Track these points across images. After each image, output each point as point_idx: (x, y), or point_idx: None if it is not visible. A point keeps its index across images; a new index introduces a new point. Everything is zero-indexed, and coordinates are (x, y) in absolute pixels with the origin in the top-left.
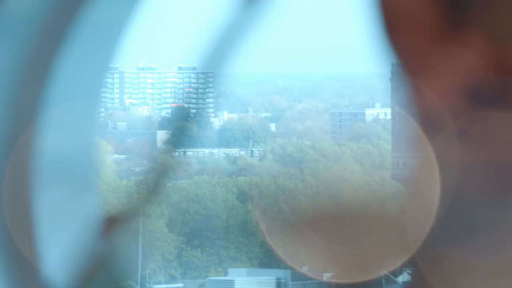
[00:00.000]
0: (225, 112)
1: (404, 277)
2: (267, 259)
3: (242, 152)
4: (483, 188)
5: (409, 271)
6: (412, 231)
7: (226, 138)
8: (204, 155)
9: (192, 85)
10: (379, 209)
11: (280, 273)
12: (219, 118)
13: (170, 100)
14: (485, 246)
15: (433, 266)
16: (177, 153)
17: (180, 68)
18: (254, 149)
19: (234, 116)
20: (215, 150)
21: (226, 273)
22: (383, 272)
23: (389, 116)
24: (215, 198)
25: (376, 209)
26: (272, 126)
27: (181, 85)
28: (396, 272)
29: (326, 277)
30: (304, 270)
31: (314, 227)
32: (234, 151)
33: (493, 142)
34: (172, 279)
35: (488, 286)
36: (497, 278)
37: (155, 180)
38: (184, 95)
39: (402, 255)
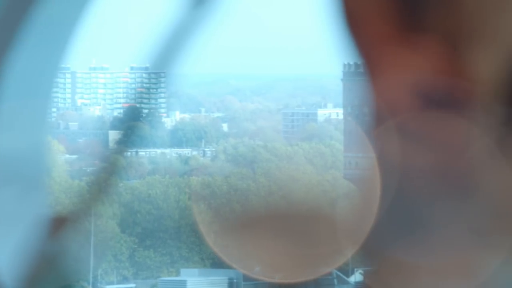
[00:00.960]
0: (177, 112)
1: (356, 277)
2: (219, 259)
3: (194, 152)
4: (432, 188)
5: (361, 271)
6: (359, 231)
7: (178, 138)
8: (156, 155)
9: (144, 85)
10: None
11: (232, 273)
12: (171, 118)
13: (122, 100)
14: (432, 246)
15: (383, 266)
16: (128, 153)
17: (132, 68)
18: (206, 149)
19: (186, 116)
20: (167, 150)
21: (178, 274)
22: (336, 272)
23: (341, 116)
24: (167, 198)
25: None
26: (225, 126)
27: (133, 85)
28: (348, 272)
29: (277, 277)
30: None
31: (265, 227)
32: (186, 151)
33: (442, 143)
34: (124, 279)
35: (434, 286)
36: (442, 277)
37: (106, 180)
38: (136, 95)
39: (350, 254)
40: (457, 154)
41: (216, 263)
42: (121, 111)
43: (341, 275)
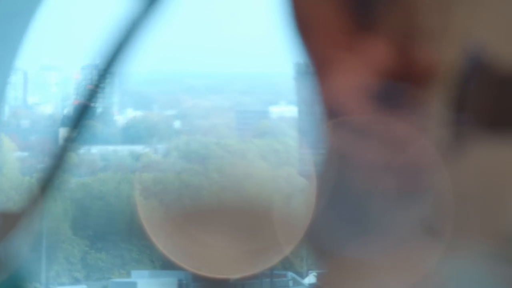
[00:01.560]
0: (129, 110)
1: (310, 279)
2: (170, 261)
3: (147, 149)
4: (382, 186)
5: (315, 273)
6: (310, 228)
7: (130, 135)
8: (108, 152)
9: (96, 83)
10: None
11: (182, 274)
12: (123, 116)
13: (74, 98)
14: (383, 245)
15: (334, 266)
16: (80, 150)
17: (83, 67)
18: (158, 146)
19: (139, 113)
20: (119, 147)
21: (129, 275)
22: (291, 274)
23: (294, 114)
24: (119, 195)
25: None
26: (177, 124)
27: (85, 83)
28: (303, 274)
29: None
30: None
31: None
32: (138, 148)
33: (392, 142)
34: (76, 281)
35: (385, 284)
36: (392, 276)
37: (57, 177)
38: (88, 93)
39: (302, 253)
40: (406, 152)
41: (167, 265)
42: (72, 109)
43: (296, 277)
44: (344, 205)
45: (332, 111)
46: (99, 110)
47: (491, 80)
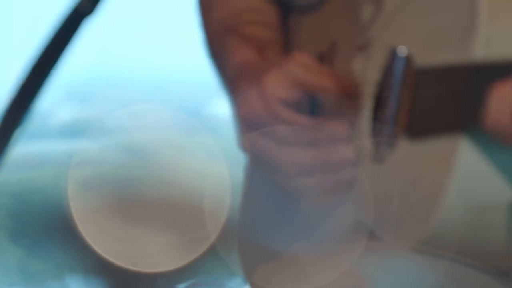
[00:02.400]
0: (67, 106)
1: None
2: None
3: (85, 144)
4: (308, 191)
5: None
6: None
7: (69, 130)
8: (46, 147)
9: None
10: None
11: (114, 280)
12: (61, 111)
13: (7, 95)
14: (315, 243)
15: (265, 263)
16: (15, 146)
17: (17, 63)
18: (97, 141)
19: (78, 109)
20: (57, 142)
21: (63, 281)
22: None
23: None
24: (55, 191)
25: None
26: (117, 119)
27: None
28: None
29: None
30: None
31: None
32: (78, 143)
33: (316, 149)
34: (11, 286)
35: (312, 279)
36: (324, 272)
37: None
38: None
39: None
40: (330, 158)
41: (102, 268)
42: (10, 104)
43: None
44: (270, 204)
45: (246, 121)
46: (35, 105)
47: (409, 88)
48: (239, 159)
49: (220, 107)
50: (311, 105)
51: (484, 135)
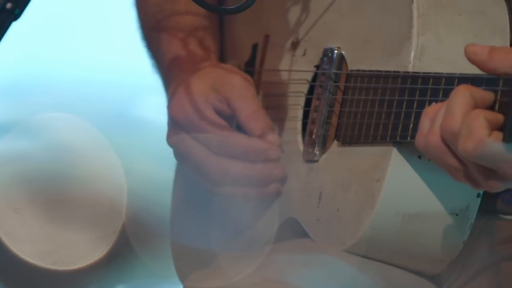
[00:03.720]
0: None
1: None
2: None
3: (11, 142)
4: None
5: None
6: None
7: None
8: None
9: None
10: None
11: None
12: None
13: None
14: (242, 244)
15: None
16: None
17: None
18: (24, 139)
19: (6, 108)
20: None
21: None
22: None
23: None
24: None
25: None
26: (44, 118)
27: None
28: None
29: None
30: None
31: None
32: (4, 141)
33: (238, 158)
34: None
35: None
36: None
37: None
38: None
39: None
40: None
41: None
42: None
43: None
44: (200, 206)
45: (176, 120)
46: None
47: (340, 91)
48: (167, 160)
49: (148, 107)
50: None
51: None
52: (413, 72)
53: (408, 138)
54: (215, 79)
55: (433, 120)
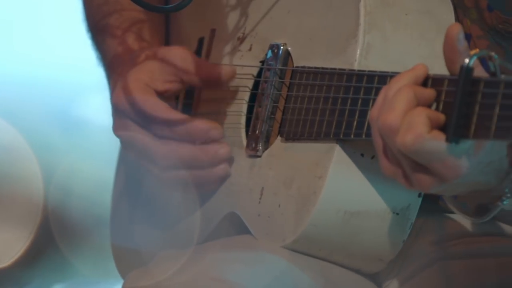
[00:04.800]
0: None
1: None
2: None
3: None
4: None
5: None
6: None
7: None
8: None
9: None
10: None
11: None
12: None
13: None
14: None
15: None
16: None
17: None
18: None
19: None
20: None
21: None
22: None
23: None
24: None
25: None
26: None
27: None
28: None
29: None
30: None
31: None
32: None
33: (184, 140)
34: None
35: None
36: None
37: None
38: None
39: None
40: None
41: None
42: None
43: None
44: (137, 204)
45: (119, 108)
46: None
47: (286, 86)
48: (108, 159)
49: (90, 106)
50: (186, 101)
51: (357, 144)
52: (358, 70)
53: (352, 136)
54: (153, 66)
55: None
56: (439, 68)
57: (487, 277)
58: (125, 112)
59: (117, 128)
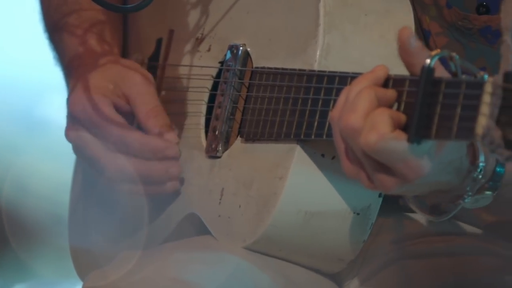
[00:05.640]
0: None
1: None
2: None
3: None
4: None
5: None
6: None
7: None
8: None
9: None
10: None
11: None
12: None
13: None
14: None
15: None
16: None
17: None
18: None
19: None
20: None
21: None
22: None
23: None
24: None
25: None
26: None
27: None
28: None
29: None
30: None
31: None
32: None
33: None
34: None
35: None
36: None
37: None
38: None
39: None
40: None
41: None
42: None
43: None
44: (95, 205)
45: (74, 115)
46: None
47: (245, 87)
48: (68, 159)
49: (50, 106)
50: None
51: (318, 145)
52: (318, 71)
53: (313, 137)
54: (115, 75)
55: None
56: (400, 68)
57: (445, 276)
58: (81, 119)
59: (69, 132)
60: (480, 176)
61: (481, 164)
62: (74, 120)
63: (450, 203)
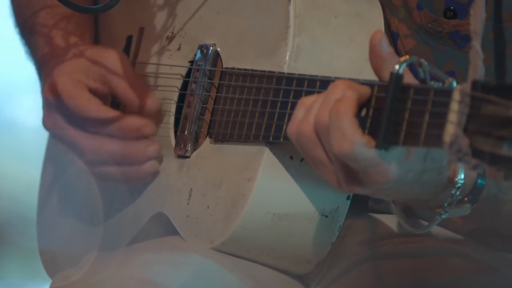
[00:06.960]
0: None
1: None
2: None
3: None
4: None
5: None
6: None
7: None
8: None
9: None
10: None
11: None
12: None
13: None
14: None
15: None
16: None
17: None
18: None
19: None
20: None
21: None
22: None
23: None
24: None
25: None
26: None
27: None
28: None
29: None
30: None
31: None
32: None
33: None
34: None
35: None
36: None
37: None
38: None
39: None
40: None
41: None
42: None
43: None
44: (63, 205)
45: (49, 101)
46: None
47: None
48: (37, 160)
49: (20, 106)
50: (114, 100)
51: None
52: (288, 73)
53: (281, 139)
54: (88, 59)
55: (308, 110)
56: (368, 72)
57: (405, 277)
58: (56, 106)
59: (46, 121)
60: (458, 193)
61: (460, 181)
62: (49, 107)
63: (430, 211)
